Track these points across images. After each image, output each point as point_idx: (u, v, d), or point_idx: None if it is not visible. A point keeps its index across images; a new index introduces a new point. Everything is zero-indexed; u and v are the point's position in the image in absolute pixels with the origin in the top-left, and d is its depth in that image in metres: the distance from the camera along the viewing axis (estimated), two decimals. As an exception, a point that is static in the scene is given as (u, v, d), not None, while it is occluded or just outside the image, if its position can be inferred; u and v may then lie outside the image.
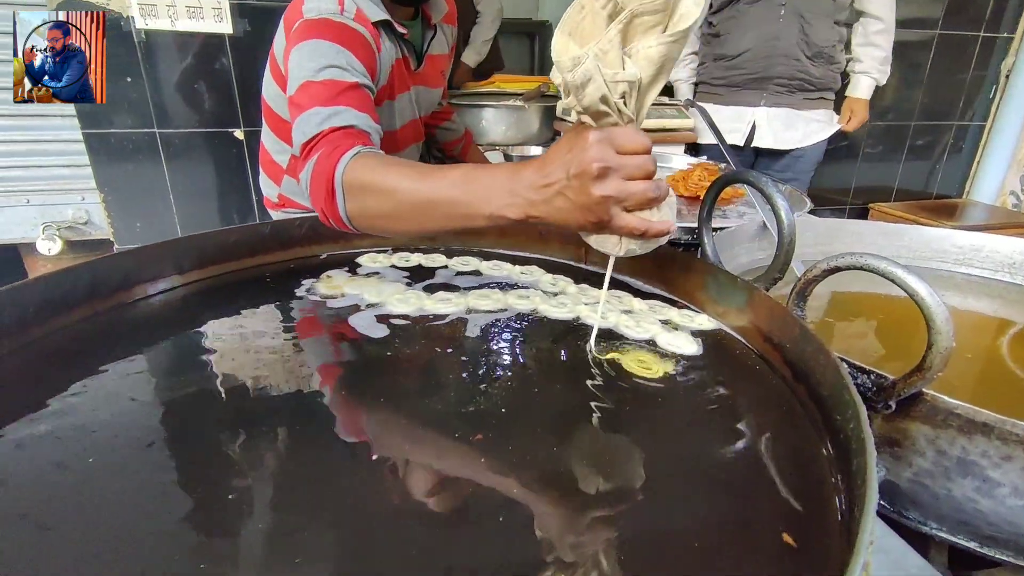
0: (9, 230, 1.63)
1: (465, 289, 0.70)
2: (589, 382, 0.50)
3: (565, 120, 1.83)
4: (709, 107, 1.82)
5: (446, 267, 0.78)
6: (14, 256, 1.71)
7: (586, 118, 0.49)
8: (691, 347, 0.57)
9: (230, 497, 0.37)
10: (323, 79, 0.76)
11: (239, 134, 1.62)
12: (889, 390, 0.43)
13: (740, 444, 0.43)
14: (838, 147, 1.93)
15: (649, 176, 0.48)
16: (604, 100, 0.46)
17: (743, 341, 0.58)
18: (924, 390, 0.42)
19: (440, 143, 1.35)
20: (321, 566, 0.33)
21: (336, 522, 0.35)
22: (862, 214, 2.15)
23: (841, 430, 0.39)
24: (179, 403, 0.47)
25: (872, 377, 0.45)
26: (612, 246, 0.54)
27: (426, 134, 1.33)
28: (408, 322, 0.62)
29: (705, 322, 0.62)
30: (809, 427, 0.44)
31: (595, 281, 0.72)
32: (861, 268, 0.42)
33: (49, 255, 1.59)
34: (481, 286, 0.72)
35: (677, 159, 1.52)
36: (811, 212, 1.10)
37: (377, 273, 0.76)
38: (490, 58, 2.56)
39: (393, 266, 0.77)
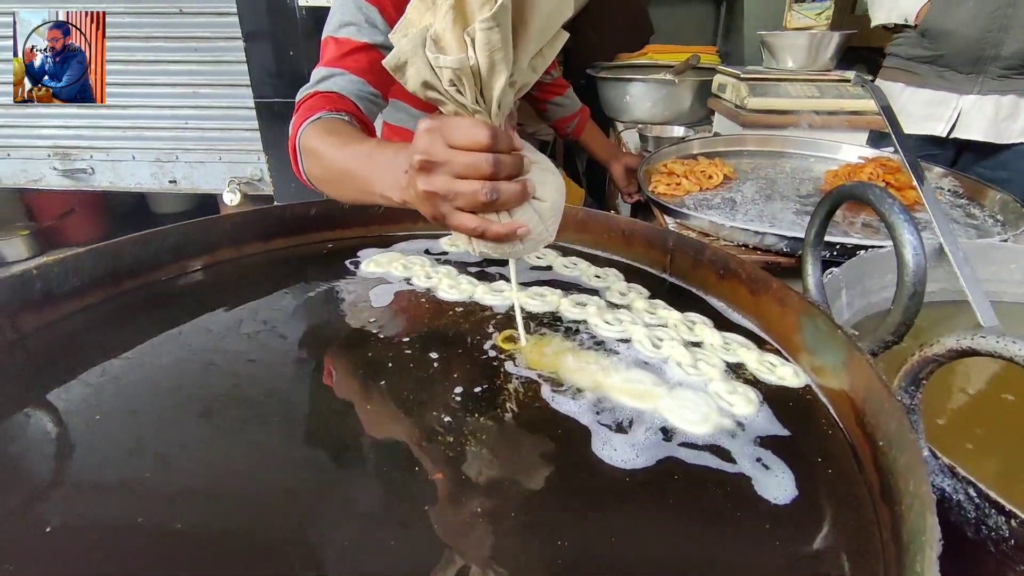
0: (207, 181, 1.97)
1: (523, 284, 0.64)
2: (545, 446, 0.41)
3: (720, 97, 1.60)
4: (898, 88, 1.45)
5: (520, 258, 0.72)
6: (212, 203, 2.06)
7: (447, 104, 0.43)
8: (747, 408, 0.44)
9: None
10: (340, 36, 0.76)
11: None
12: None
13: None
14: None
15: (482, 176, 0.42)
16: (428, 86, 0.42)
17: (833, 415, 0.43)
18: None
19: (552, 121, 1.26)
20: None
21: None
22: None
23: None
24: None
25: (1018, 523, 0.29)
26: (464, 243, 0.48)
27: (538, 110, 1.25)
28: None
29: (790, 376, 0.47)
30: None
31: (672, 300, 0.60)
32: (1003, 357, 0.27)
33: (231, 205, 1.88)
34: (542, 283, 0.65)
35: (847, 150, 1.23)
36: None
37: (445, 254, 0.73)
38: (633, 23, 2.33)
39: (467, 250, 0.74)
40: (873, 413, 0.37)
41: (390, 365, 0.50)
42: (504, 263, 0.61)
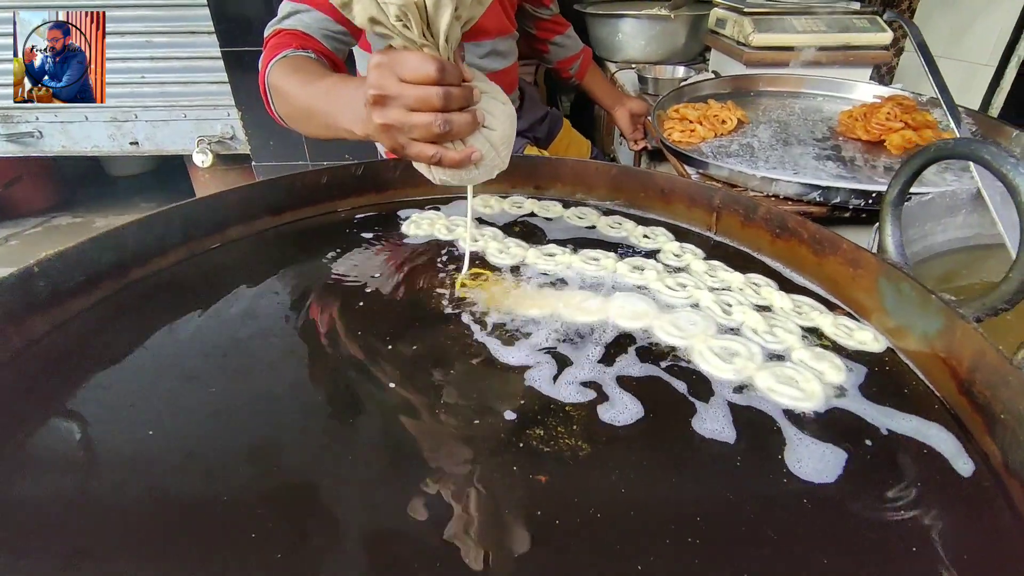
0: (172, 141, 1.81)
1: (574, 245, 0.61)
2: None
3: (719, 33, 1.53)
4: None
5: (559, 218, 0.69)
6: (179, 164, 1.92)
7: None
8: (837, 376, 0.43)
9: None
10: None
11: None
12: None
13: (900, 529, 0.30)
14: None
15: (433, 108, 0.45)
16: (375, 21, 0.43)
17: (925, 381, 0.42)
18: None
19: (553, 63, 1.18)
20: None
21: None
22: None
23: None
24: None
25: None
26: (424, 171, 0.51)
27: (538, 51, 1.17)
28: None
29: (870, 340, 0.46)
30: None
31: (729, 260, 0.58)
32: None
33: (203, 167, 1.75)
34: (590, 243, 0.62)
35: (861, 88, 1.20)
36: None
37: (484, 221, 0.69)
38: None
39: (504, 211, 0.71)
40: (987, 384, 0.36)
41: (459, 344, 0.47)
42: (526, 244, 0.58)
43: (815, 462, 0.35)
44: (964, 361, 0.38)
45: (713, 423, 0.39)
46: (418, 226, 0.65)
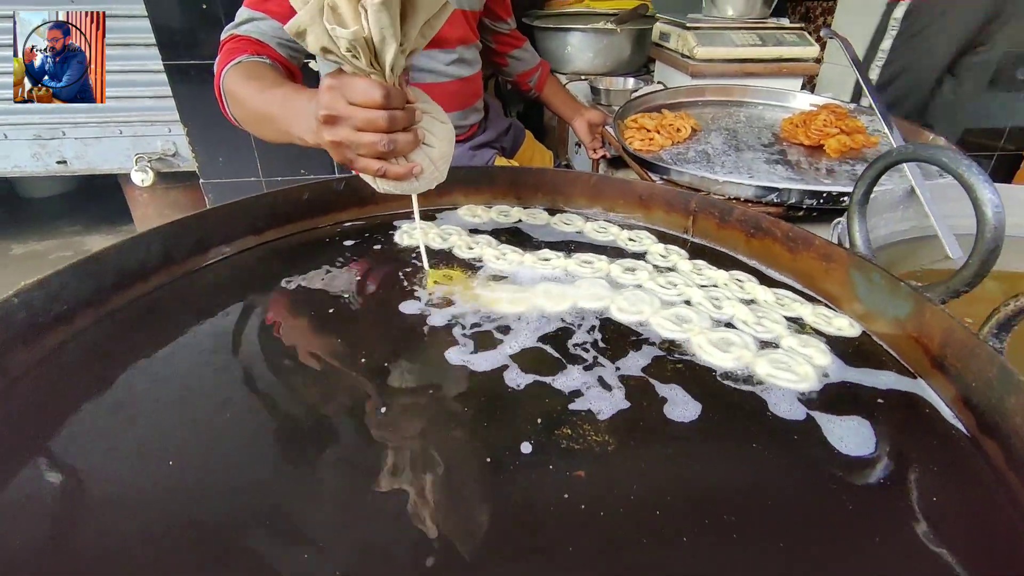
0: (106, 160, 1.70)
1: (567, 249, 0.64)
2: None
3: (663, 46, 1.62)
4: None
5: (546, 224, 0.71)
6: (110, 184, 1.80)
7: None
8: (823, 359, 0.47)
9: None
10: None
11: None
12: None
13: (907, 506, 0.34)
14: (998, 77, 1.57)
15: (378, 130, 0.49)
16: (327, 50, 0.47)
17: (899, 360, 0.47)
18: None
19: (513, 76, 1.22)
20: None
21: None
22: (1014, 163, 1.78)
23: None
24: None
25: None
26: (370, 181, 0.55)
27: (498, 64, 1.20)
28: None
29: (846, 327, 0.51)
30: (1005, 501, 0.34)
31: (711, 258, 0.62)
32: None
33: (143, 186, 1.65)
34: (580, 246, 0.66)
35: (799, 98, 1.30)
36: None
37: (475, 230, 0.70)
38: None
39: (492, 220, 0.72)
40: (957, 357, 0.41)
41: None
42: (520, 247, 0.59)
43: (853, 437, 0.39)
44: (935, 339, 0.43)
45: (727, 412, 0.42)
46: (411, 236, 0.66)
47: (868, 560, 0.31)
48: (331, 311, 0.54)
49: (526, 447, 0.38)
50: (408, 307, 0.54)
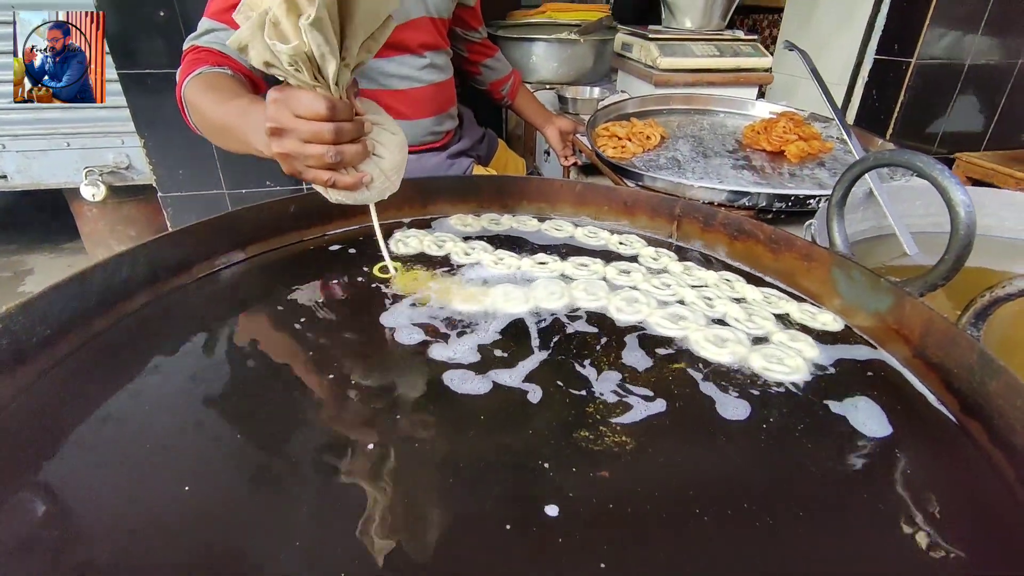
0: (53, 174, 1.60)
1: (560, 254, 0.65)
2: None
3: (625, 56, 1.67)
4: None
5: (538, 230, 0.72)
6: (54, 199, 1.69)
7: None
8: (812, 351, 0.50)
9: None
10: None
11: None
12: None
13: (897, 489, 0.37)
14: (928, 84, 1.69)
15: (324, 142, 0.50)
16: (270, 64, 0.47)
17: (880, 350, 0.50)
18: None
19: (486, 84, 1.23)
20: None
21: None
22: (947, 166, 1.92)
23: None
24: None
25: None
26: (322, 191, 0.55)
27: (471, 74, 1.21)
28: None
29: (830, 322, 0.54)
30: (991, 477, 0.38)
31: (697, 261, 0.65)
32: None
33: (94, 201, 1.56)
34: (573, 250, 0.67)
35: (759, 106, 1.36)
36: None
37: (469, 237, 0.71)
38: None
39: (484, 228, 0.73)
40: (938, 346, 0.44)
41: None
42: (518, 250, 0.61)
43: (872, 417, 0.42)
44: (916, 330, 0.47)
45: (735, 409, 0.44)
46: (406, 244, 0.66)
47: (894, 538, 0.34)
48: (323, 326, 0.53)
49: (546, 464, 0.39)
50: (400, 320, 0.54)
